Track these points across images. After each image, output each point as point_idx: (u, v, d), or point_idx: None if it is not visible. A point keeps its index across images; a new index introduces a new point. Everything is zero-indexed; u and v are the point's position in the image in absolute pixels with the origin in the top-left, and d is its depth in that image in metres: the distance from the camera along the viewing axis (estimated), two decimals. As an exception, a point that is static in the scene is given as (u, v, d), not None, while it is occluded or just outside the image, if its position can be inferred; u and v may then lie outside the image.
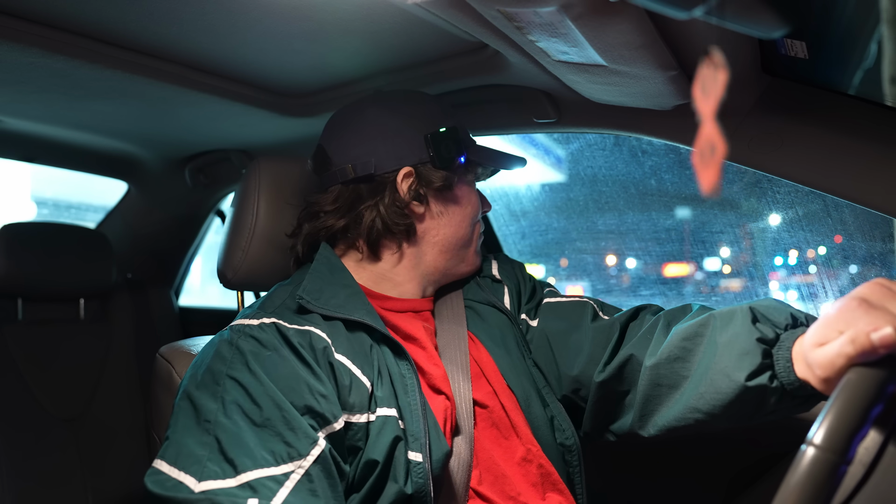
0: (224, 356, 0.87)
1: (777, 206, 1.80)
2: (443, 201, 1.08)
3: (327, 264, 1.04)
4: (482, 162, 1.13)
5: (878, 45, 0.82)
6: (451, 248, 1.10)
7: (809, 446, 0.56)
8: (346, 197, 1.05)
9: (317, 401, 0.85)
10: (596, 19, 0.76)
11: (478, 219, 1.14)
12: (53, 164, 2.12)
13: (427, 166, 1.05)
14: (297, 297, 0.96)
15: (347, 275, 1.03)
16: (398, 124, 1.05)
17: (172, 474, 0.78)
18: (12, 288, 1.88)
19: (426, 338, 1.03)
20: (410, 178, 1.04)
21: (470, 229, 1.11)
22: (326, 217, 1.06)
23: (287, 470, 0.79)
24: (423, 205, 1.06)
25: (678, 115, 1.14)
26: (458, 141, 1.07)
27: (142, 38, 1.16)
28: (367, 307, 0.98)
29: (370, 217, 1.04)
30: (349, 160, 1.04)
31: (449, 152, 1.05)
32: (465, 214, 1.10)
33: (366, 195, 1.04)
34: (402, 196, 1.04)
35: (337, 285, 1.00)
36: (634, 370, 0.98)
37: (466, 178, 1.12)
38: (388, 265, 1.07)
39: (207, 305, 2.57)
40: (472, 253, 1.14)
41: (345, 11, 1.03)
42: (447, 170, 1.06)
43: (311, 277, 1.00)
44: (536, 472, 1.01)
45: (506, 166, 1.16)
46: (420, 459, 0.87)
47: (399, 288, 1.08)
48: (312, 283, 0.99)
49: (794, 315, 0.82)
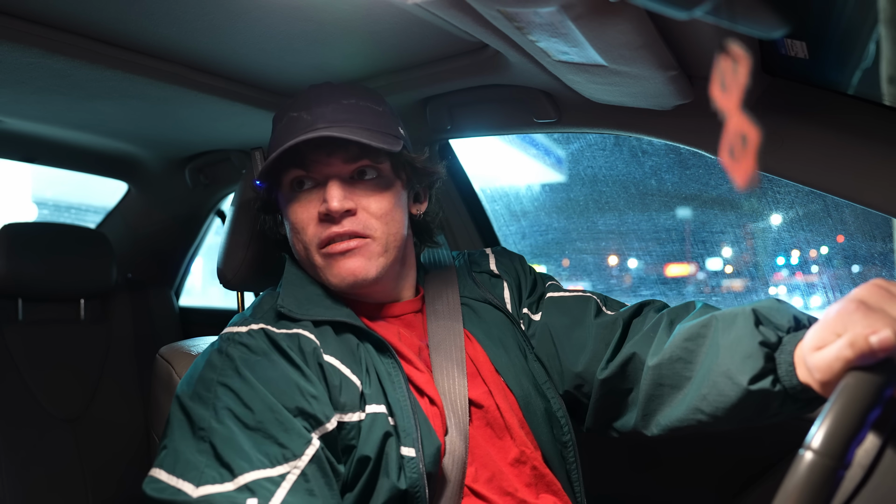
0: (215, 364, 0.88)
1: (777, 206, 1.80)
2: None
3: (295, 278, 1.05)
4: (267, 170, 1.01)
5: (877, 45, 0.82)
6: (303, 263, 1.06)
7: (807, 451, 0.56)
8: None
9: (308, 402, 0.85)
10: (596, 19, 0.76)
11: (304, 226, 1.00)
12: (54, 165, 2.12)
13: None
14: (279, 308, 0.97)
15: (315, 282, 1.05)
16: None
17: (171, 482, 0.79)
18: (12, 288, 1.88)
19: (400, 343, 1.03)
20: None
21: (300, 242, 1.02)
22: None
23: (283, 471, 0.79)
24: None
25: (678, 115, 1.14)
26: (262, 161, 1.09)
27: (142, 38, 1.16)
28: (345, 309, 1.00)
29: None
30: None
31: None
32: (291, 228, 1.04)
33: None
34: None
35: (311, 294, 1.02)
36: (637, 369, 0.98)
37: (282, 188, 1.04)
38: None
39: (207, 306, 2.57)
40: (316, 263, 1.01)
41: (345, 12, 1.03)
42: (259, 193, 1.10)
43: (286, 290, 1.02)
44: (530, 474, 1.01)
45: (293, 144, 0.97)
46: (413, 454, 0.88)
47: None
48: (288, 297, 1.00)
49: (797, 317, 0.82)
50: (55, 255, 1.94)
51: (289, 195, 1.03)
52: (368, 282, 1.00)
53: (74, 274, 1.98)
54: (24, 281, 1.88)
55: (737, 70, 0.50)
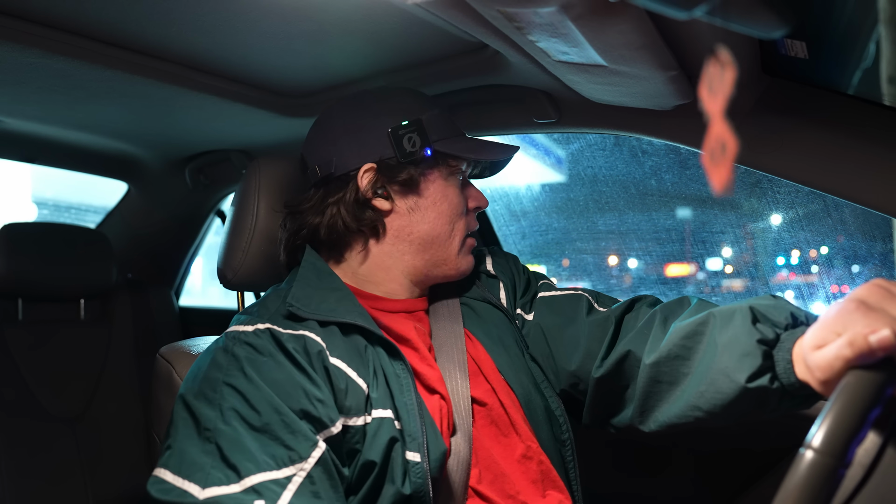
0: (220, 364, 0.87)
1: (777, 206, 1.80)
2: (413, 197, 1.04)
3: (313, 269, 1.03)
4: (455, 153, 1.05)
5: (877, 45, 0.82)
6: (429, 247, 1.06)
7: (808, 450, 0.56)
8: (317, 198, 1.05)
9: (314, 406, 0.85)
10: (596, 20, 0.76)
11: (460, 216, 1.07)
12: (53, 165, 2.12)
13: (391, 161, 1.02)
14: (288, 306, 0.95)
15: (335, 278, 1.02)
16: (363, 121, 1.04)
17: (176, 483, 0.78)
18: (13, 288, 1.88)
19: (418, 339, 1.03)
20: (371, 173, 1.02)
21: (448, 227, 1.06)
22: (301, 217, 1.06)
23: (289, 473, 0.79)
24: (388, 201, 1.04)
25: (678, 115, 1.14)
26: (423, 133, 1.02)
27: (142, 38, 1.16)
28: (358, 309, 0.97)
29: (331, 213, 1.03)
30: (316, 161, 1.05)
31: (413, 145, 1.02)
32: (441, 211, 1.05)
33: (331, 193, 1.04)
34: (363, 193, 1.02)
35: (325, 290, 0.99)
36: (632, 366, 0.98)
37: (440, 171, 1.06)
38: (356, 263, 1.06)
39: (207, 306, 2.57)
40: (452, 254, 1.07)
41: (345, 12, 1.03)
42: (412, 164, 1.03)
43: (299, 284, 1.00)
44: (536, 470, 1.01)
45: (488, 156, 1.07)
46: (418, 459, 0.87)
47: (382, 287, 1.07)
48: (301, 290, 0.98)
49: (795, 314, 0.82)
50: (55, 255, 1.94)
51: (447, 179, 1.07)
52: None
53: (74, 274, 1.98)
54: (24, 281, 1.88)
55: (724, 76, 0.50)
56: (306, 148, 1.09)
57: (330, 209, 1.03)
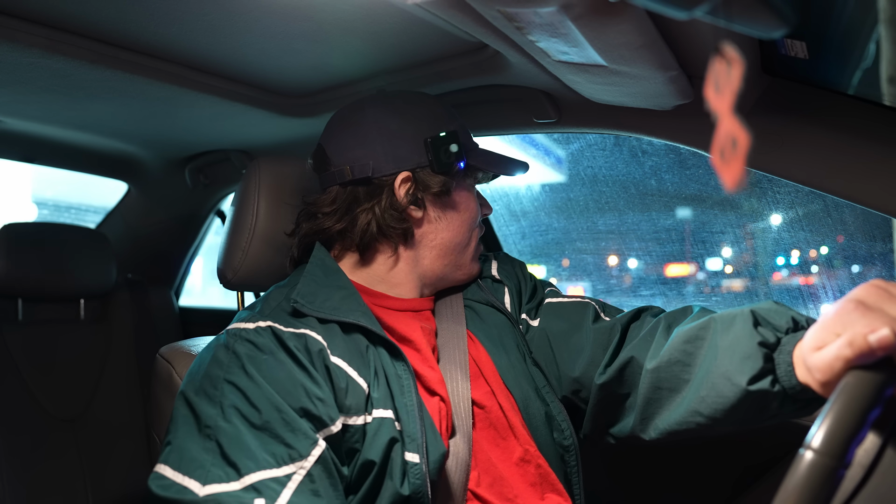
0: (221, 361, 0.87)
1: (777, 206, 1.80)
2: (441, 206, 1.07)
3: (321, 266, 1.03)
4: (483, 167, 1.10)
5: (877, 45, 0.82)
6: (449, 253, 1.09)
7: (807, 450, 0.56)
8: (343, 199, 1.04)
9: (314, 404, 0.85)
10: (596, 19, 0.76)
11: (477, 223, 1.13)
12: (53, 165, 2.12)
13: (426, 170, 1.04)
14: (292, 301, 0.95)
15: (342, 276, 1.02)
16: (399, 126, 1.04)
17: (176, 479, 0.78)
18: (12, 288, 1.88)
19: (422, 339, 1.03)
20: (408, 182, 1.03)
21: (468, 234, 1.10)
22: (324, 218, 1.05)
23: (289, 471, 0.79)
24: (420, 209, 1.05)
25: (678, 115, 1.14)
26: (459, 145, 1.05)
27: (142, 38, 1.16)
28: (362, 308, 0.97)
29: (365, 220, 1.03)
30: (347, 161, 1.04)
31: (448, 157, 1.04)
32: (464, 220, 1.09)
33: (363, 198, 1.03)
34: (399, 200, 1.03)
35: (331, 287, 1.00)
36: (635, 373, 0.98)
37: (466, 182, 1.10)
38: (384, 268, 1.06)
39: (207, 306, 2.57)
40: (468, 259, 1.12)
41: (345, 12, 1.03)
42: (446, 175, 1.05)
43: (306, 280, 1.00)
44: (535, 473, 1.01)
45: (508, 172, 1.14)
46: (417, 460, 0.87)
47: (395, 289, 1.07)
48: (306, 286, 0.98)
49: (795, 318, 0.82)
50: (55, 255, 1.94)
51: (469, 189, 1.12)
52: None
53: (74, 274, 1.98)
54: (24, 281, 1.88)
55: (730, 72, 0.50)
56: (333, 146, 1.06)
57: (364, 214, 1.03)
